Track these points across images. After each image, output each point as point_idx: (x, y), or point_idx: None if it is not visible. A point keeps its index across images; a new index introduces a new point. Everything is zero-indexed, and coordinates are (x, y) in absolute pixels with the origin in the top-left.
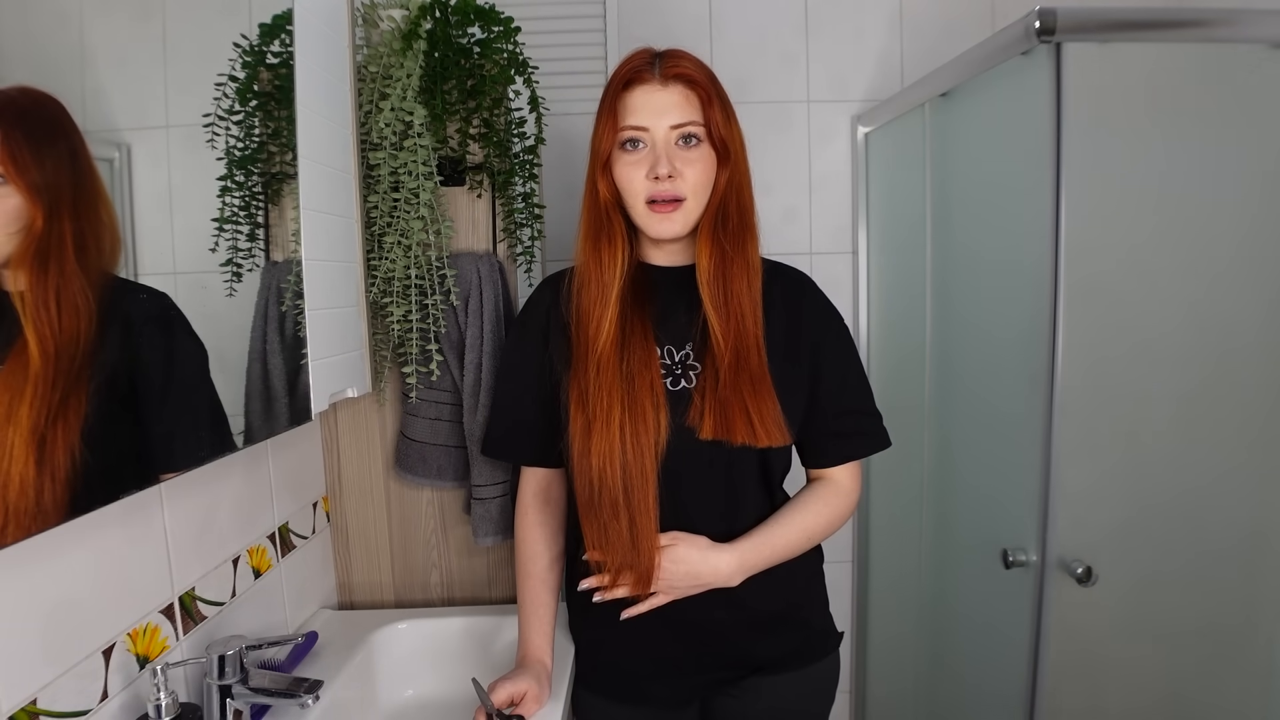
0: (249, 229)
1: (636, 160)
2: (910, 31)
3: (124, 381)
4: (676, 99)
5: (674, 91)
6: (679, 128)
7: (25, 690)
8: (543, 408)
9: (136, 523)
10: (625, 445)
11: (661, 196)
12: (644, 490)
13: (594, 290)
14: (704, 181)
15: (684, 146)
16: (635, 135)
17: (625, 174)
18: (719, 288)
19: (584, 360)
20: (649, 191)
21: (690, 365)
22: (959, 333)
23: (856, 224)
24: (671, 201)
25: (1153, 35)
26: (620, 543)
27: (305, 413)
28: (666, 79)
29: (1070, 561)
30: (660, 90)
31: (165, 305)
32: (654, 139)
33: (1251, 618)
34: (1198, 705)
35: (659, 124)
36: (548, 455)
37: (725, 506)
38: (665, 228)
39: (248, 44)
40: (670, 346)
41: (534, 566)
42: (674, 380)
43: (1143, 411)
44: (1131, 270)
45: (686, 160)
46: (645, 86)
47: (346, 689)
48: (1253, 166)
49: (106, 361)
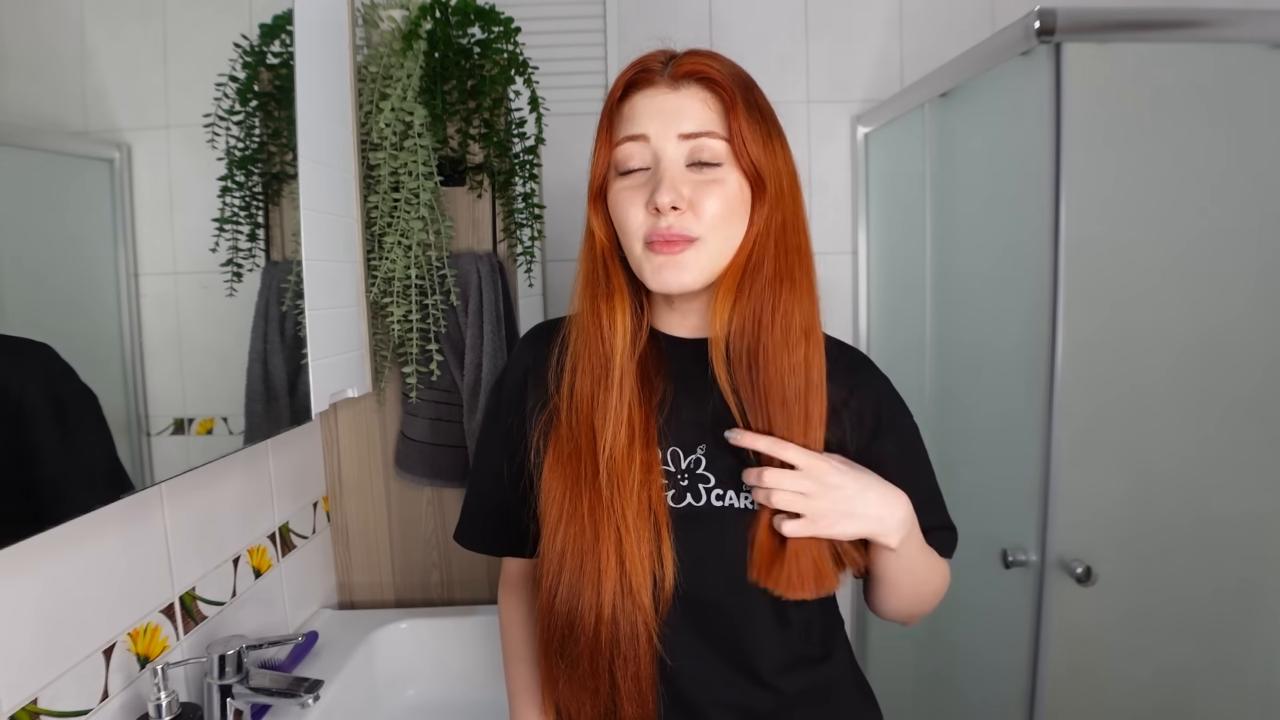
0: (249, 229)
1: (634, 186)
2: (910, 31)
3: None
4: (689, 103)
5: (686, 94)
6: (691, 138)
7: (26, 690)
8: (520, 497)
9: (137, 523)
10: (614, 591)
11: (663, 235)
12: (634, 646)
13: (590, 362)
14: (726, 216)
15: (700, 169)
16: (632, 150)
17: (620, 204)
18: (746, 367)
19: (564, 455)
20: (648, 228)
21: (701, 476)
22: (959, 332)
23: (856, 224)
24: (679, 240)
25: (1152, 35)
26: (596, 700)
27: (305, 413)
28: (677, 79)
29: (1070, 561)
30: (668, 93)
31: (46, 359)
32: (657, 155)
33: (1251, 617)
34: (1198, 704)
35: (663, 132)
36: (523, 547)
37: (738, 654)
38: (669, 276)
39: (248, 44)
40: (676, 448)
41: (522, 649)
42: (678, 495)
43: (1142, 412)
44: (1131, 270)
45: (701, 186)
46: (650, 89)
47: (346, 689)
48: (1252, 166)
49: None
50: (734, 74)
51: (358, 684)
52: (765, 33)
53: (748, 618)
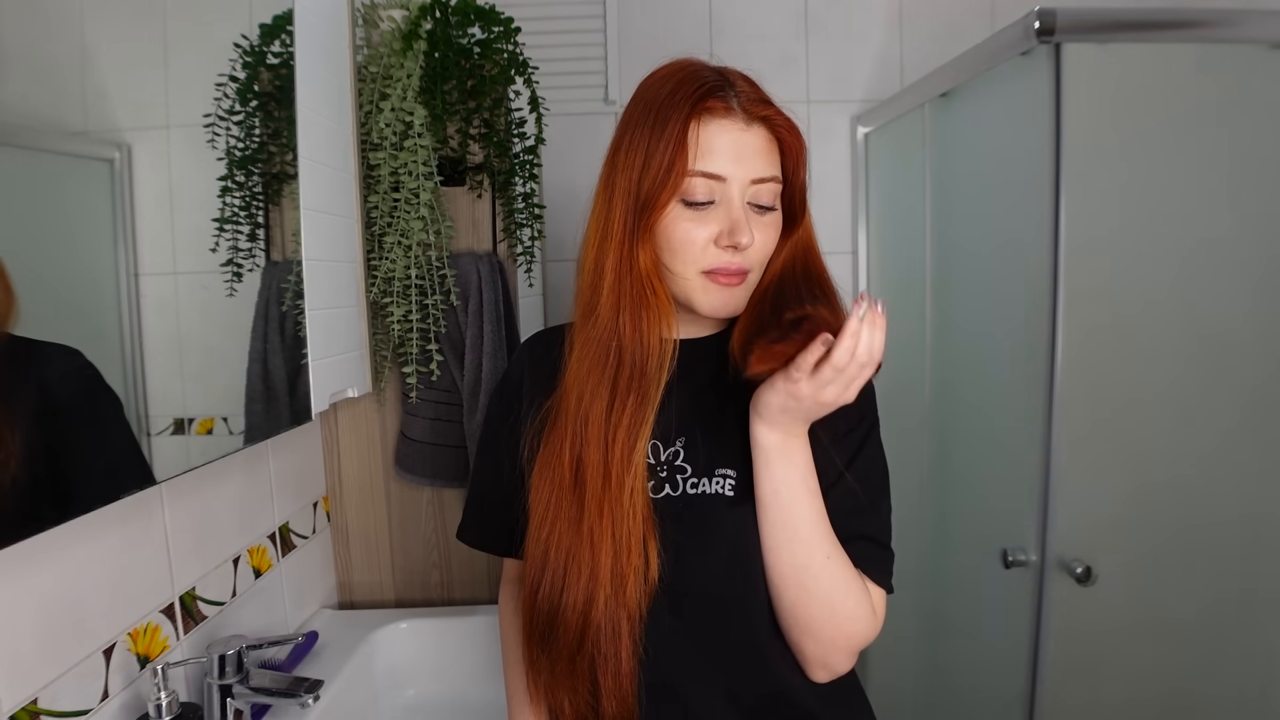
0: (249, 229)
1: (702, 218)
2: (910, 31)
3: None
4: (761, 143)
5: (757, 135)
6: (759, 183)
7: (26, 690)
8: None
9: (137, 523)
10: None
11: (730, 269)
12: (615, 643)
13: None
14: (769, 252)
15: (759, 210)
16: (705, 185)
17: (680, 231)
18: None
19: (555, 457)
20: (712, 261)
21: (679, 468)
22: (958, 332)
23: (856, 224)
24: (739, 274)
25: (1152, 35)
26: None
27: (305, 413)
28: (751, 118)
29: (1070, 561)
30: (744, 131)
31: (79, 364)
32: (728, 195)
33: (1251, 615)
34: (1198, 703)
35: (739, 175)
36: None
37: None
38: (726, 300)
39: (248, 44)
40: (657, 441)
41: (520, 650)
42: (656, 486)
43: (1142, 411)
44: (1131, 270)
45: (760, 227)
46: (726, 121)
47: (347, 689)
48: (1252, 166)
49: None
50: (794, 122)
51: (358, 684)
52: (765, 33)
53: (730, 607)
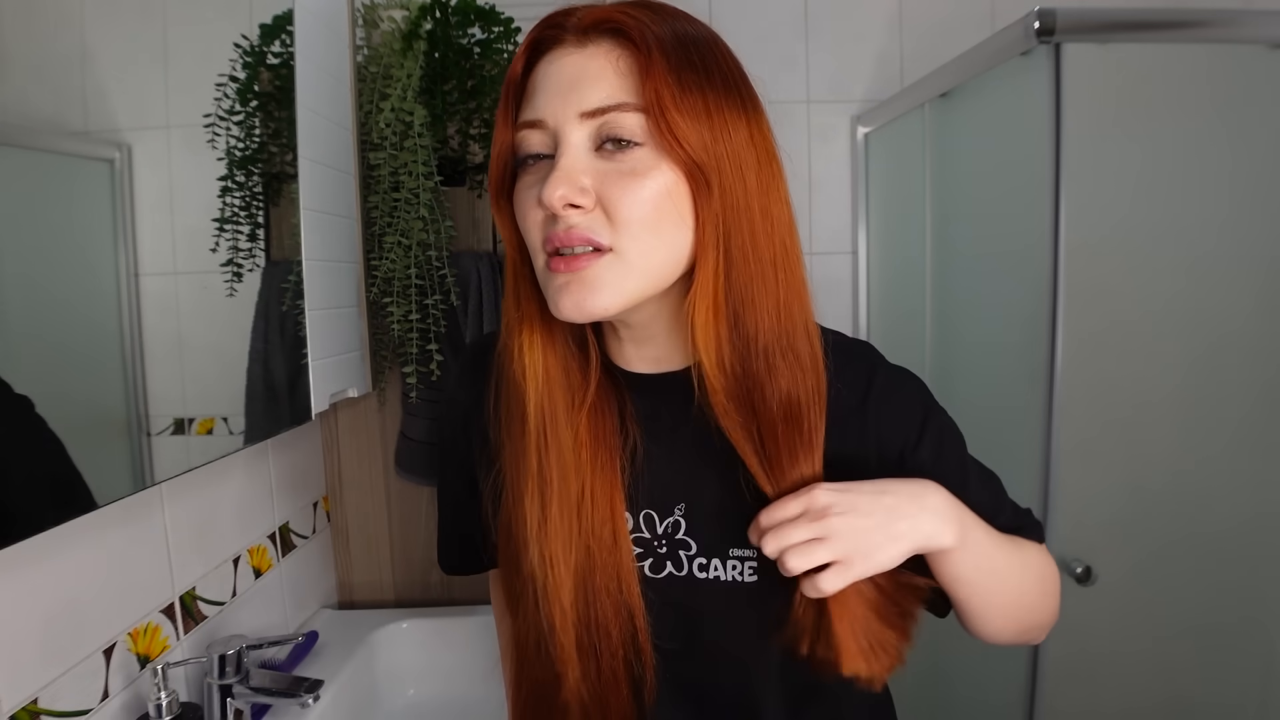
0: (249, 229)
1: (532, 183)
2: (910, 32)
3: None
4: (595, 66)
5: (594, 54)
6: (595, 116)
7: (26, 690)
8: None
9: (137, 522)
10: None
11: (561, 241)
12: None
13: (510, 415)
14: (653, 218)
15: (613, 155)
16: (530, 136)
17: (519, 206)
18: (731, 395)
19: (507, 542)
20: (544, 235)
21: (681, 542)
22: (958, 333)
23: (856, 224)
24: (584, 252)
25: (1152, 36)
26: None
27: (305, 412)
28: (584, 31)
29: (1070, 561)
30: (574, 52)
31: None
32: (558, 139)
33: (1252, 615)
34: (1197, 703)
35: (562, 110)
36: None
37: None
38: (570, 301)
39: (248, 44)
40: (650, 511)
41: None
42: (656, 564)
43: (1142, 411)
44: (1131, 270)
45: (612, 178)
46: (556, 51)
47: (347, 689)
48: (1252, 167)
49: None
50: (663, 24)
51: (358, 684)
52: (765, 33)
53: (748, 705)
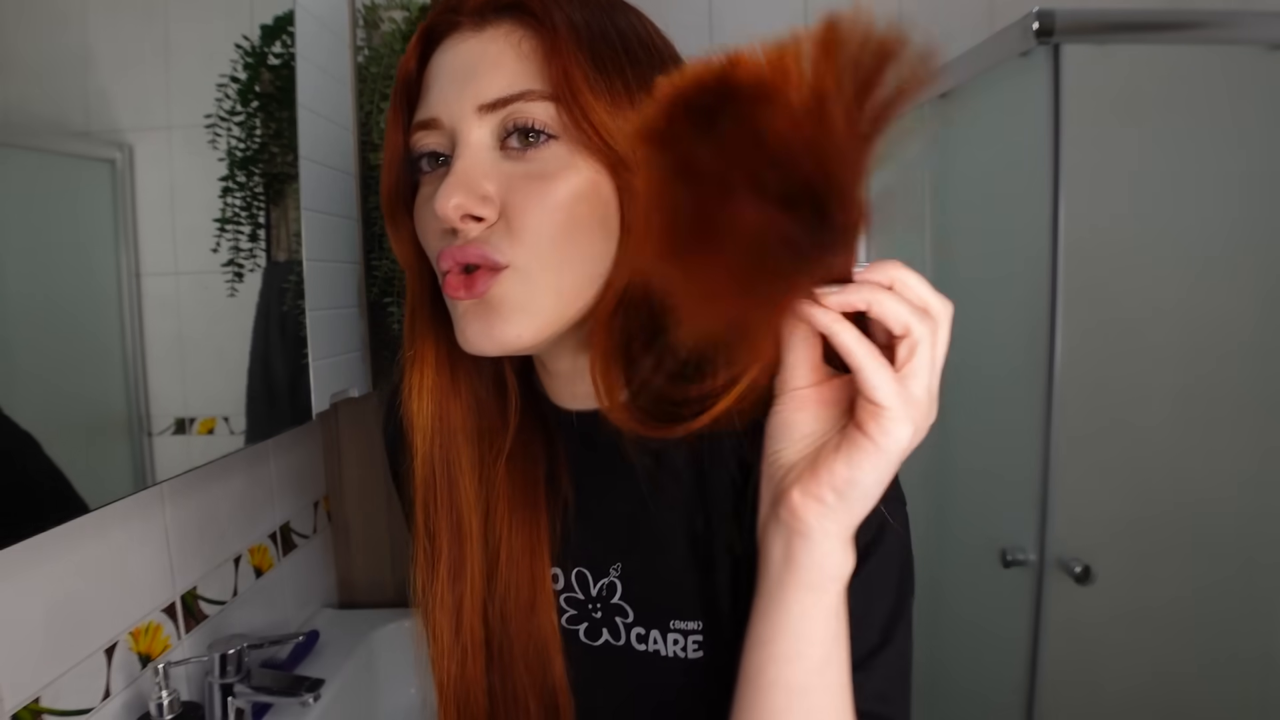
0: (250, 229)
1: (429, 194)
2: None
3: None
4: (493, 51)
5: (492, 36)
6: (495, 109)
7: (28, 689)
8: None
9: (138, 522)
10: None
11: (456, 260)
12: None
13: (414, 430)
14: (564, 230)
15: (516, 151)
16: (425, 138)
17: (420, 220)
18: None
19: (423, 574)
20: (438, 250)
21: (616, 608)
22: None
23: None
24: (479, 270)
25: (1152, 36)
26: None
27: (306, 412)
28: (481, 13)
29: (1069, 560)
30: (470, 38)
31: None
32: (454, 139)
33: (1250, 614)
34: (1196, 702)
35: (456, 104)
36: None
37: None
38: (474, 332)
39: (249, 45)
40: (583, 569)
41: None
42: (592, 630)
43: (1141, 410)
44: (1130, 270)
45: (515, 181)
46: (451, 39)
47: (347, 688)
48: (1251, 167)
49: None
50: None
51: (358, 683)
52: (765, 33)
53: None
